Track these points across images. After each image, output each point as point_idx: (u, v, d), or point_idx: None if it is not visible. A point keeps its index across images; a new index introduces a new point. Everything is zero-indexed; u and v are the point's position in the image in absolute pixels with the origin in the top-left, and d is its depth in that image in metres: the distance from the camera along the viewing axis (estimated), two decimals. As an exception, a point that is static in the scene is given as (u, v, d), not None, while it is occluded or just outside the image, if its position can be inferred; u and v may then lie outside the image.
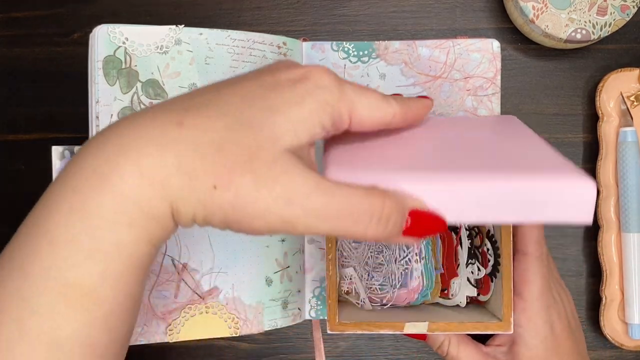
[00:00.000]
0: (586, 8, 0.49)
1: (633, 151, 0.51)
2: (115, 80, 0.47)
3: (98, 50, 0.47)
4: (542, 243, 0.42)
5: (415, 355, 0.54)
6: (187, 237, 0.49)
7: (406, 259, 0.43)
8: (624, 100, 0.52)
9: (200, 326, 0.49)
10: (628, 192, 0.51)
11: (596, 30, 0.49)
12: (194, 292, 0.49)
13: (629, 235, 0.51)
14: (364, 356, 0.54)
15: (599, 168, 0.52)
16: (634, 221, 0.51)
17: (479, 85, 0.51)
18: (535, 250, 0.42)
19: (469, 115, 0.51)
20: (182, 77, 0.48)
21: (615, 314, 0.52)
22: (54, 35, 0.53)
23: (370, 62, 0.52)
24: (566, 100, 0.54)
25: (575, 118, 0.54)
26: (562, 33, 0.49)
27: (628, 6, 0.49)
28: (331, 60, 0.52)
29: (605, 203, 0.52)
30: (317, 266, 0.50)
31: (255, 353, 0.54)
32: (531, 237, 0.42)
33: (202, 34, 0.48)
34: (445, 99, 0.51)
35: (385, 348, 0.54)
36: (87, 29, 0.48)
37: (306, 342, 0.54)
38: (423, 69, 0.52)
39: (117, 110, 0.47)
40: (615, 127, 0.52)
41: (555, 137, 0.54)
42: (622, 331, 0.52)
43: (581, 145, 0.54)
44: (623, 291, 0.52)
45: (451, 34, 0.53)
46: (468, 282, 0.45)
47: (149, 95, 0.47)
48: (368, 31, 0.54)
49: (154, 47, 0.47)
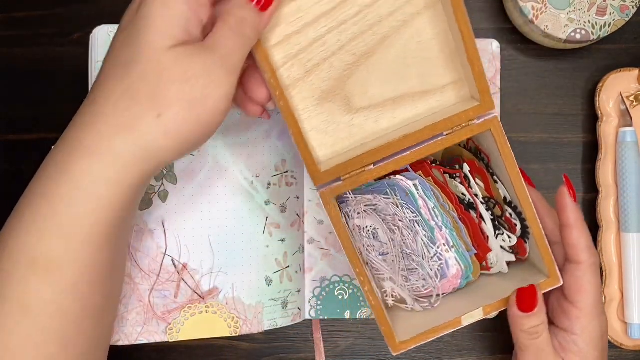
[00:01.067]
0: (586, 8, 0.49)
1: (632, 151, 0.51)
2: (115, 81, 0.47)
3: (98, 51, 0.47)
4: (593, 250, 0.42)
5: (415, 355, 0.54)
6: (187, 238, 0.49)
7: (437, 254, 0.43)
8: (624, 100, 0.52)
9: (200, 326, 0.49)
10: (627, 192, 0.51)
11: (596, 30, 0.49)
12: (194, 292, 0.49)
13: (628, 235, 0.51)
14: (364, 356, 0.54)
15: (598, 168, 0.52)
16: (633, 221, 0.51)
17: (479, 85, 0.51)
18: (588, 258, 0.41)
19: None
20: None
21: (614, 313, 0.52)
22: (54, 35, 0.53)
23: (370, 62, 0.52)
24: (566, 100, 0.54)
25: (574, 118, 0.54)
26: (561, 33, 0.49)
27: (627, 6, 0.49)
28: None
29: (605, 203, 0.52)
30: (316, 266, 0.50)
31: (255, 353, 0.54)
32: (581, 245, 0.41)
33: (202, 34, 0.48)
34: (445, 99, 0.51)
35: (385, 348, 0.54)
36: (87, 29, 0.48)
37: (306, 342, 0.54)
38: (423, 69, 0.52)
39: (117, 110, 0.47)
40: (614, 127, 0.52)
41: (555, 137, 0.54)
42: (622, 331, 0.52)
43: (581, 146, 0.54)
44: (622, 291, 0.52)
45: (451, 34, 0.53)
46: (503, 250, 0.44)
47: (149, 95, 0.47)
48: (368, 31, 0.54)
49: (154, 48, 0.47)
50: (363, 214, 0.43)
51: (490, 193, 0.44)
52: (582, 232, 0.41)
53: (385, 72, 0.41)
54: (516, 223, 0.43)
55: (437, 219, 0.43)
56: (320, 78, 0.41)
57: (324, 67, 0.41)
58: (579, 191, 0.54)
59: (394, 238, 0.43)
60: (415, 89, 0.42)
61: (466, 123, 0.40)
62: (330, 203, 0.40)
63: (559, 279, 0.42)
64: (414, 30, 0.40)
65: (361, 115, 0.42)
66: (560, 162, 0.54)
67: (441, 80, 0.41)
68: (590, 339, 0.42)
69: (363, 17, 0.40)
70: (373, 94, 0.41)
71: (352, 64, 0.41)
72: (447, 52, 0.41)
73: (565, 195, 0.41)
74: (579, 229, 0.41)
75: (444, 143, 0.40)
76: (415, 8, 0.40)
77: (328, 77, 0.41)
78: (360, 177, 0.40)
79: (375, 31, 0.40)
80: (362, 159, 0.40)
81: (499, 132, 0.40)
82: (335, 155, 0.42)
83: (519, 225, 0.43)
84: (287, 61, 0.40)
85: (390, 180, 0.43)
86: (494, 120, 0.40)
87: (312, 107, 0.41)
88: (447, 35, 0.40)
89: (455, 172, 0.44)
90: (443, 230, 0.43)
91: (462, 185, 0.44)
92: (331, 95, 0.41)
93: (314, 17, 0.39)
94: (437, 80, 0.41)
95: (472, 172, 0.44)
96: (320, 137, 0.42)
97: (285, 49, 0.40)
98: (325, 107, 0.41)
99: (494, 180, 0.44)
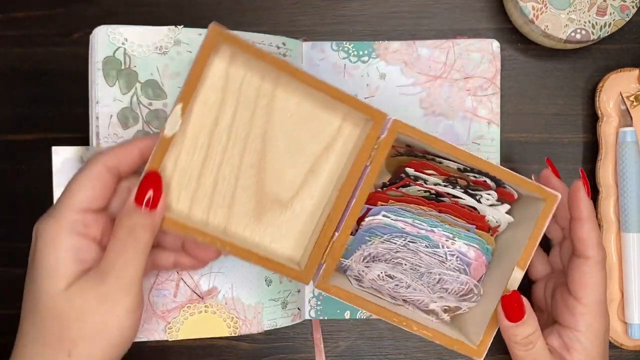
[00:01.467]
0: (586, 8, 0.49)
1: (632, 151, 0.51)
2: (114, 81, 0.47)
3: (98, 51, 0.47)
4: (602, 247, 0.41)
5: (415, 355, 0.54)
6: (186, 237, 0.49)
7: (447, 252, 0.44)
8: (624, 100, 0.52)
9: (200, 325, 0.49)
10: (627, 192, 0.51)
11: (596, 30, 0.49)
12: (193, 291, 0.49)
13: (628, 235, 0.51)
14: (364, 356, 0.54)
15: (598, 168, 0.52)
16: (633, 221, 0.51)
17: (479, 85, 0.51)
18: (596, 254, 0.41)
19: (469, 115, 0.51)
20: (181, 77, 0.48)
21: (614, 313, 0.52)
22: (54, 35, 0.53)
23: (370, 62, 0.52)
24: (566, 101, 0.54)
25: (575, 118, 0.54)
26: (561, 33, 0.49)
27: (628, 6, 0.49)
28: (331, 60, 0.52)
29: (605, 203, 0.52)
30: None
31: (255, 353, 0.54)
32: (591, 240, 0.41)
33: (201, 34, 0.48)
34: (445, 99, 0.51)
35: (385, 348, 0.54)
36: (87, 30, 0.48)
37: (306, 342, 0.54)
38: (423, 69, 0.52)
39: (116, 110, 0.47)
40: (614, 127, 0.52)
41: (555, 137, 0.54)
42: (622, 331, 0.52)
43: (581, 146, 0.54)
44: (622, 291, 0.52)
45: (451, 34, 0.53)
46: (494, 207, 0.45)
47: (149, 95, 0.47)
48: (368, 31, 0.54)
49: (153, 48, 0.47)
50: (366, 270, 0.44)
51: (445, 174, 0.44)
52: (594, 227, 0.41)
53: (286, 157, 0.43)
54: (484, 179, 0.44)
55: (423, 226, 0.43)
56: (242, 203, 0.43)
57: (238, 193, 0.42)
58: (579, 191, 0.54)
59: (405, 269, 0.44)
60: (319, 150, 0.43)
61: (376, 144, 0.41)
62: (332, 289, 0.42)
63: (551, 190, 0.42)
64: (279, 110, 0.42)
65: (296, 202, 0.44)
66: (560, 162, 0.54)
67: (333, 126, 0.43)
68: (594, 336, 0.41)
69: (235, 135, 0.42)
70: (291, 180, 0.43)
71: (257, 174, 0.43)
72: (318, 102, 0.42)
73: (581, 189, 0.41)
74: (590, 223, 0.41)
75: (374, 170, 0.41)
76: (266, 94, 0.42)
77: (248, 197, 0.43)
78: (335, 249, 0.42)
79: (254, 136, 0.42)
80: (325, 234, 0.42)
81: (407, 129, 0.41)
82: (303, 248, 0.44)
83: (488, 179, 0.44)
84: (207, 211, 0.42)
85: (363, 228, 0.44)
86: (395, 123, 0.40)
87: (255, 228, 0.43)
88: (308, 92, 0.41)
89: (406, 182, 0.45)
90: (436, 231, 0.43)
91: (417, 186, 0.44)
92: (261, 207, 0.43)
93: (200, 167, 0.41)
94: (329, 128, 0.43)
95: (418, 169, 0.44)
96: (281, 245, 0.44)
97: (199, 206, 0.42)
98: (265, 220, 0.43)
99: (439, 161, 0.44)
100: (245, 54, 0.39)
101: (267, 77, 0.41)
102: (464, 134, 0.51)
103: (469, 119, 0.51)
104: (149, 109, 0.47)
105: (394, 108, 0.51)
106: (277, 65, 0.39)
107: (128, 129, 0.47)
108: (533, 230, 0.42)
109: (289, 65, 0.39)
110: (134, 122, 0.47)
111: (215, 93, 0.41)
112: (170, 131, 0.39)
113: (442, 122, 0.51)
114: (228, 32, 0.38)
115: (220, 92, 0.41)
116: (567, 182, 0.53)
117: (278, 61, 0.39)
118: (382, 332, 0.54)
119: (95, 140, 0.46)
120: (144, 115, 0.47)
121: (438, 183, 0.44)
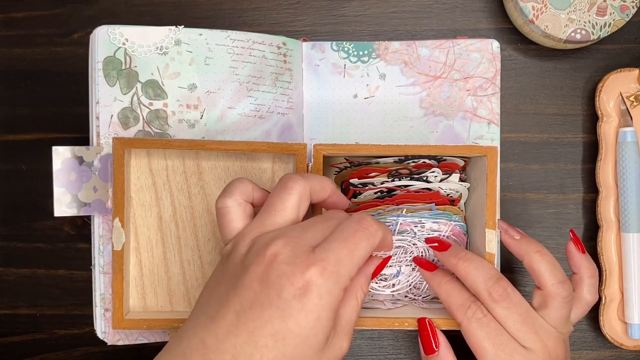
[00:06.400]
0: (586, 8, 0.49)
1: (632, 151, 0.51)
2: (115, 81, 0.47)
3: (98, 51, 0.47)
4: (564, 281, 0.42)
5: (415, 355, 0.54)
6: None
7: (414, 238, 0.45)
8: (624, 100, 0.52)
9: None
10: (627, 192, 0.51)
11: (596, 30, 0.49)
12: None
13: (628, 235, 0.51)
14: (364, 356, 0.54)
15: (598, 168, 0.52)
16: (633, 221, 0.51)
17: (479, 85, 0.51)
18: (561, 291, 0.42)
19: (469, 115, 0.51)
20: (181, 77, 0.48)
21: (614, 313, 0.52)
22: (54, 35, 0.53)
23: (370, 62, 0.52)
24: (566, 101, 0.54)
25: (574, 118, 0.54)
26: (561, 33, 0.49)
27: (628, 6, 0.49)
28: (331, 60, 0.52)
29: (605, 203, 0.52)
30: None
31: (255, 353, 0.54)
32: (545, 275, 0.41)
33: (201, 34, 0.48)
34: (445, 99, 0.51)
35: (385, 348, 0.54)
36: (87, 30, 0.48)
37: (306, 341, 0.54)
38: (423, 69, 0.52)
39: (117, 110, 0.47)
40: (614, 127, 0.52)
41: (555, 137, 0.54)
42: (622, 331, 0.52)
43: (581, 146, 0.54)
44: (622, 291, 0.52)
45: (451, 34, 0.53)
46: (447, 180, 0.46)
47: (149, 95, 0.47)
48: (368, 31, 0.54)
49: (153, 48, 0.47)
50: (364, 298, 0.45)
51: (386, 171, 0.46)
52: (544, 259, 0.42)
53: None
54: (423, 161, 0.46)
55: (389, 222, 0.45)
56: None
57: (206, 269, 0.47)
58: (579, 191, 0.54)
59: (392, 264, 0.45)
60: None
61: (309, 172, 0.44)
62: None
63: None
64: (211, 180, 0.46)
65: None
66: (560, 162, 0.54)
67: (267, 172, 0.47)
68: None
69: (182, 220, 0.46)
70: None
71: (216, 244, 0.47)
72: (244, 157, 0.46)
73: (573, 250, 0.45)
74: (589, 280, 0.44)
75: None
76: (193, 171, 0.46)
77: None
78: None
79: (199, 213, 0.46)
80: None
81: (328, 148, 0.43)
82: None
83: (426, 160, 0.46)
84: (187, 297, 0.47)
85: None
86: (316, 148, 0.43)
87: None
88: (228, 154, 0.46)
89: (353, 192, 0.46)
90: (402, 222, 0.44)
91: (368, 190, 0.46)
92: None
93: (163, 261, 0.46)
94: (265, 174, 0.47)
95: (362, 176, 0.46)
96: None
97: (179, 294, 0.47)
98: None
99: (376, 162, 0.46)
100: (156, 147, 0.42)
101: (187, 156, 0.45)
102: (463, 134, 0.51)
103: (469, 119, 0.51)
104: (150, 109, 0.47)
105: (394, 108, 0.51)
106: (188, 146, 0.42)
107: (128, 128, 0.47)
108: (487, 188, 0.43)
109: (196, 141, 0.43)
110: (135, 122, 0.47)
111: (148, 192, 0.45)
112: (119, 245, 0.42)
113: (442, 122, 0.51)
114: (129, 138, 0.43)
115: (152, 189, 0.45)
116: (567, 182, 0.54)
117: (187, 142, 0.42)
118: (382, 332, 0.54)
119: (96, 140, 0.46)
120: (144, 115, 0.47)
121: (385, 180, 0.46)
